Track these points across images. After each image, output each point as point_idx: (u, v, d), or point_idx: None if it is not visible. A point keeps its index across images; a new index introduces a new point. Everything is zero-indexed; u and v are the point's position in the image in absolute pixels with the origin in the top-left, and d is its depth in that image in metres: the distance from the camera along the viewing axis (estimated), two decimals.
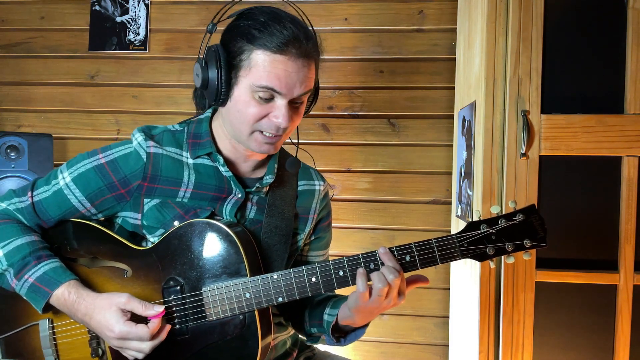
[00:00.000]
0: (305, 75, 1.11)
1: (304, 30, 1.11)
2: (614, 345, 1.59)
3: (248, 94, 1.10)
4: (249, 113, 1.11)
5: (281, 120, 1.11)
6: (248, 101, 1.11)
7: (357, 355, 2.40)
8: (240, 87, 1.11)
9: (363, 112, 2.40)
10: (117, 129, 2.50)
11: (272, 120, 1.12)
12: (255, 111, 1.11)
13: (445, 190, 2.35)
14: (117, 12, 2.48)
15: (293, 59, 1.08)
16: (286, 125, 1.11)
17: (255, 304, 1.09)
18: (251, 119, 1.12)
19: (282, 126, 1.11)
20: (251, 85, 1.09)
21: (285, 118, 1.10)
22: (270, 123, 1.12)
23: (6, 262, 1.13)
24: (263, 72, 1.08)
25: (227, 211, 1.21)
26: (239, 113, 1.12)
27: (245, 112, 1.11)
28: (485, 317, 1.65)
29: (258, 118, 1.12)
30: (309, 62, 1.11)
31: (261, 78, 1.08)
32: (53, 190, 1.18)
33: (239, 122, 1.13)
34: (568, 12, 1.61)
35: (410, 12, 2.37)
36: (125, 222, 1.21)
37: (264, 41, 1.07)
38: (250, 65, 1.09)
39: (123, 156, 1.18)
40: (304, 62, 1.10)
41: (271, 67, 1.07)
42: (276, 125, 1.12)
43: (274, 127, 1.12)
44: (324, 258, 1.40)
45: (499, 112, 1.64)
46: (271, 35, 1.07)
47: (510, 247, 1.07)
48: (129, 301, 1.07)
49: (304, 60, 1.10)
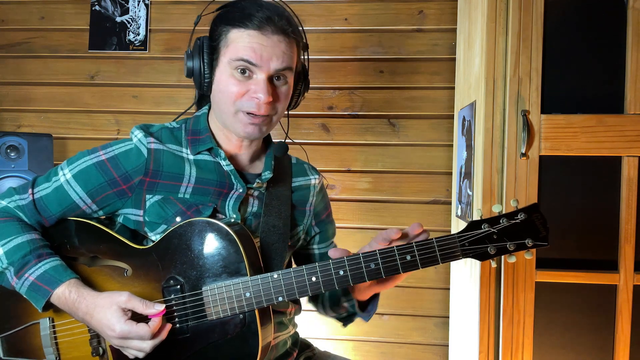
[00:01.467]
0: (282, 51, 1.13)
1: (282, 13, 1.15)
2: (614, 345, 1.59)
3: (227, 72, 1.14)
4: (230, 91, 1.14)
5: (261, 95, 1.12)
6: (227, 79, 1.14)
7: (357, 355, 2.40)
8: (220, 68, 1.15)
9: (363, 112, 2.40)
10: (117, 129, 2.50)
11: (252, 97, 1.13)
12: (235, 89, 1.13)
13: (445, 190, 2.35)
14: (117, 12, 2.48)
15: (268, 34, 1.11)
16: (266, 99, 1.12)
17: (255, 303, 1.09)
18: (232, 96, 1.14)
19: (262, 100, 1.12)
20: (229, 62, 1.13)
21: (264, 92, 1.12)
22: (251, 100, 1.14)
23: (6, 261, 1.13)
24: (238, 46, 1.12)
25: (229, 206, 1.21)
26: (221, 93, 1.15)
27: (226, 91, 1.14)
28: (485, 317, 1.65)
29: (239, 95, 1.14)
30: (285, 38, 1.14)
31: (237, 51, 1.12)
32: (54, 186, 1.19)
33: (222, 103, 1.16)
34: (568, 12, 1.61)
35: (410, 12, 2.37)
36: (127, 219, 1.21)
37: (239, 21, 1.12)
38: (227, 43, 1.13)
39: (124, 152, 1.19)
40: (279, 38, 1.13)
41: (246, 41, 1.11)
42: (256, 101, 1.13)
43: (255, 103, 1.14)
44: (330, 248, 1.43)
45: (499, 112, 1.64)
46: (248, 16, 1.11)
47: (512, 247, 1.07)
48: (130, 300, 1.07)
49: (279, 37, 1.13)
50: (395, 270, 1.08)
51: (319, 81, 2.38)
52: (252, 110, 1.14)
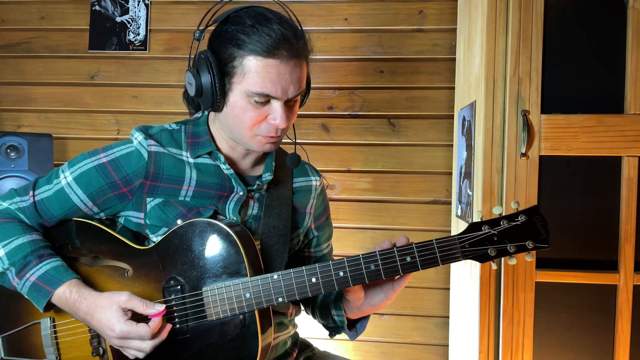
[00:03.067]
0: (298, 75, 1.12)
1: (293, 29, 1.11)
2: (614, 345, 1.59)
3: (244, 100, 1.11)
4: (247, 118, 1.13)
5: (279, 122, 1.12)
6: (244, 106, 1.12)
7: (357, 355, 2.40)
8: (235, 94, 1.12)
9: (363, 112, 2.40)
10: (117, 129, 2.50)
11: (271, 123, 1.13)
12: (252, 115, 1.12)
13: (445, 190, 2.35)
14: (117, 12, 2.48)
15: (285, 61, 1.09)
16: (284, 126, 1.13)
17: (255, 304, 1.09)
18: (250, 123, 1.13)
19: (281, 127, 1.13)
20: (246, 92, 1.10)
21: (282, 119, 1.12)
22: (269, 126, 1.14)
23: (8, 261, 1.13)
24: (257, 78, 1.08)
25: (230, 209, 1.21)
26: (237, 119, 1.14)
27: (243, 118, 1.13)
28: (485, 317, 1.65)
29: (256, 122, 1.13)
30: (300, 61, 1.12)
31: (255, 84, 1.09)
32: (55, 189, 1.19)
33: (238, 127, 1.15)
34: (568, 12, 1.61)
35: (410, 12, 2.37)
36: (129, 221, 1.21)
37: (254, 46, 1.07)
38: (244, 71, 1.09)
39: (124, 155, 1.19)
40: (295, 62, 1.11)
41: (264, 73, 1.08)
42: (275, 127, 1.14)
43: (273, 129, 1.14)
44: (328, 250, 1.44)
45: (499, 112, 1.64)
46: (260, 39, 1.07)
47: (512, 249, 1.07)
48: (130, 300, 1.07)
49: (295, 61, 1.11)
50: (395, 272, 1.08)
51: (319, 81, 2.38)
52: (270, 134, 1.15)
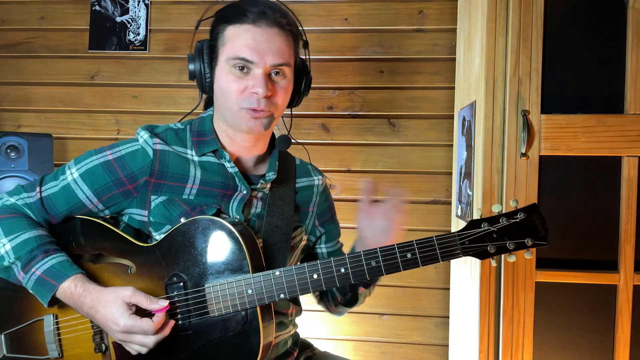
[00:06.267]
0: (277, 45, 1.14)
1: (277, 7, 1.16)
2: (614, 345, 1.60)
3: (226, 70, 1.15)
4: (230, 88, 1.15)
5: (259, 89, 1.13)
6: (227, 77, 1.15)
7: (357, 355, 2.40)
8: (220, 67, 1.17)
9: (363, 112, 2.40)
10: (117, 129, 2.50)
11: (251, 92, 1.14)
12: (235, 86, 1.15)
13: (445, 190, 2.36)
14: (117, 12, 2.48)
15: (263, 27, 1.13)
16: (264, 93, 1.13)
17: (257, 300, 1.10)
18: (233, 93, 1.15)
19: (261, 95, 1.13)
20: (227, 60, 1.15)
21: (262, 86, 1.13)
22: (251, 96, 1.15)
23: (14, 255, 1.13)
24: (234, 44, 1.14)
25: (233, 208, 1.22)
26: (222, 91, 1.17)
27: (227, 89, 1.16)
28: (485, 317, 1.65)
29: (239, 92, 1.15)
30: (280, 31, 1.15)
31: (234, 50, 1.14)
32: (61, 185, 1.19)
33: (225, 100, 1.17)
34: (568, 12, 1.62)
35: (410, 12, 2.37)
36: (132, 219, 1.22)
37: (235, 17, 1.14)
38: (224, 42, 1.15)
39: (130, 153, 1.20)
40: (274, 30, 1.14)
41: (242, 38, 1.13)
42: (256, 96, 1.14)
43: (255, 99, 1.14)
44: (337, 247, 1.46)
45: (499, 112, 1.64)
46: (243, 12, 1.13)
47: (511, 245, 1.07)
48: (134, 295, 1.07)
49: (274, 29, 1.14)
50: (395, 268, 1.09)
51: (319, 81, 2.39)
52: (252, 106, 1.15)
